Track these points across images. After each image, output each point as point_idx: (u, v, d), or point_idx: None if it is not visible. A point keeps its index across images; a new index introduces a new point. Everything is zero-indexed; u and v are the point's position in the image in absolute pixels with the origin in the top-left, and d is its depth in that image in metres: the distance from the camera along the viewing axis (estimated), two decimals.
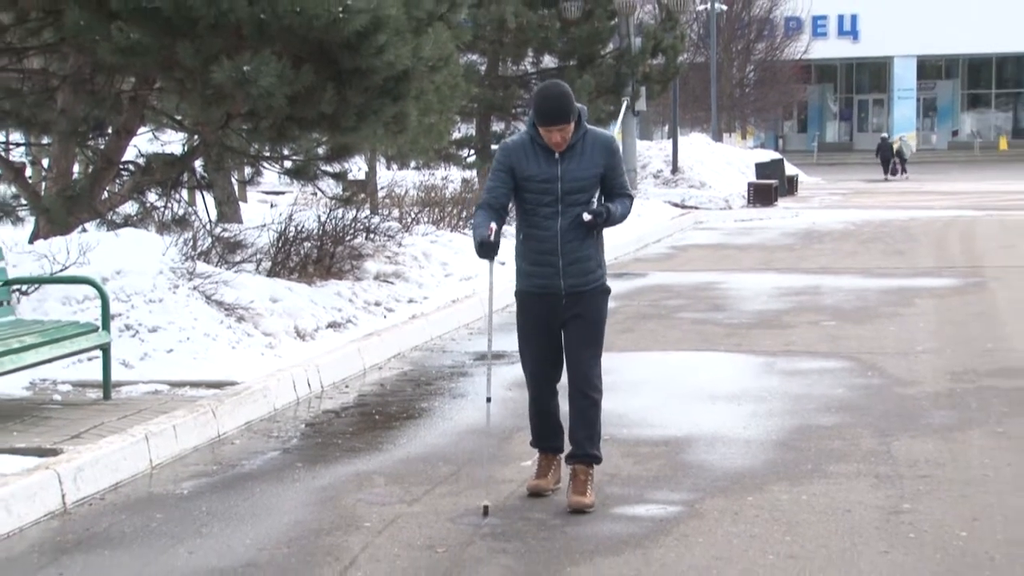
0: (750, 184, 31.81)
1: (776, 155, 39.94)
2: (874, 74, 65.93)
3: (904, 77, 62.83)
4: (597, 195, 6.45)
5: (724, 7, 50.63)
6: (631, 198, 6.58)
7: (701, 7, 47.35)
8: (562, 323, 6.47)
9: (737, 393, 9.17)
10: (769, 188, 31.34)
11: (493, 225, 6.25)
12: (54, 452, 6.95)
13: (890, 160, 46.43)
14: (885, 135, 51.33)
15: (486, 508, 6.28)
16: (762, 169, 34.53)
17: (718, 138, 44.57)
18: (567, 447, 6.67)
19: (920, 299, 13.91)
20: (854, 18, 61.92)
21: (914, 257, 18.51)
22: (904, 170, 46.24)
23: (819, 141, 62.79)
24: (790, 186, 35.37)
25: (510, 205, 6.51)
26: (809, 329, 12.04)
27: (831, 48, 61.77)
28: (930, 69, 64.66)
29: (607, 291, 6.59)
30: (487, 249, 6.27)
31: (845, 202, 32.25)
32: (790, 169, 37.44)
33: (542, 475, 6.69)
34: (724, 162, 36.53)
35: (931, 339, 11.38)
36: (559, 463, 6.74)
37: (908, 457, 7.33)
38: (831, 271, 16.84)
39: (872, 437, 7.82)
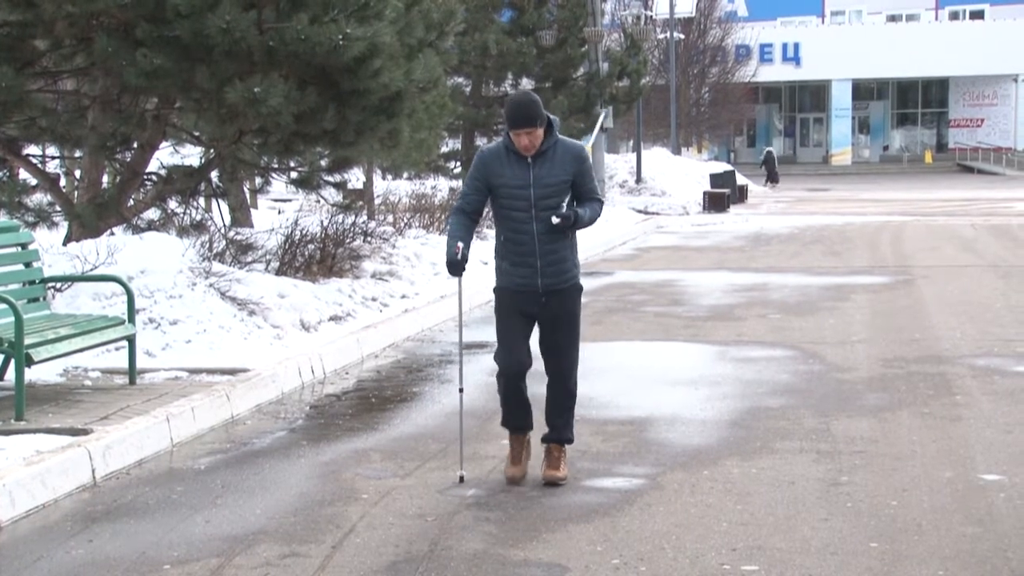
0: (705, 193, 31.85)
1: (728, 167, 39.96)
2: (814, 95, 66.04)
3: (841, 98, 62.98)
4: (568, 200, 6.27)
5: (682, 36, 50.69)
6: (600, 202, 6.45)
7: (661, 36, 47.39)
8: (537, 315, 6.37)
9: (694, 378, 9.17)
10: (722, 196, 31.38)
11: (460, 244, 6.14)
12: (85, 432, 6.91)
13: (774, 170, 46.45)
14: (771, 148, 51.28)
15: (462, 477, 6.38)
16: (716, 179, 34.56)
17: (677, 152, 44.60)
18: (536, 431, 6.59)
19: (855, 295, 13.93)
20: (796, 46, 62.05)
21: (850, 257, 18.54)
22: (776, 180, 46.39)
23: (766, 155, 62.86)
24: (741, 195, 35.41)
25: (485, 210, 6.41)
26: (758, 321, 12.04)
27: (776, 72, 61.89)
28: (864, 91, 64.80)
29: (580, 289, 6.49)
30: (455, 268, 6.21)
31: (789, 209, 32.30)
32: (741, 179, 37.49)
33: (516, 461, 6.47)
34: (682, 173, 36.54)
35: (865, 330, 11.39)
36: (529, 444, 6.56)
37: (845, 435, 7.33)
38: (777, 270, 16.86)
39: (813, 417, 7.82)
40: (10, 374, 7.93)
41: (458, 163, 25.33)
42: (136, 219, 12.74)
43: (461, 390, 6.63)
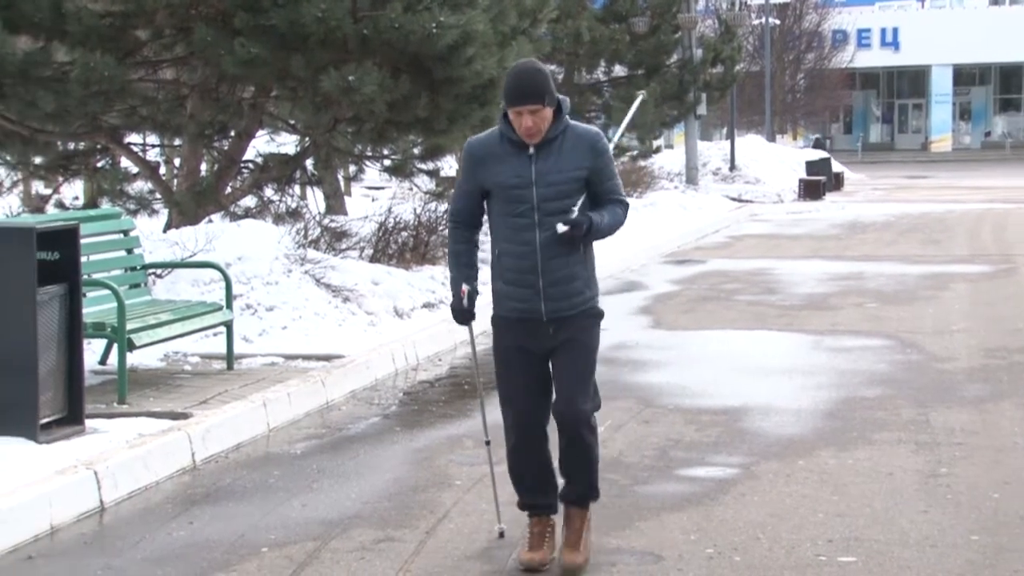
0: (800, 180, 31.45)
1: (824, 154, 39.42)
2: (913, 81, 64.84)
3: (941, 83, 61.75)
4: (582, 202, 4.87)
5: (777, 22, 50.08)
6: (625, 205, 5.01)
7: (756, 22, 46.87)
8: (547, 352, 4.94)
9: (788, 367, 9.08)
10: (818, 184, 30.97)
11: (466, 287, 4.94)
12: (185, 416, 7.04)
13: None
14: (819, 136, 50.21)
15: (502, 532, 5.29)
16: (811, 167, 34.11)
17: (771, 139, 44.10)
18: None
19: (955, 283, 13.68)
20: (895, 31, 60.95)
21: (950, 246, 18.20)
22: None
23: (863, 141, 61.84)
24: (837, 182, 34.91)
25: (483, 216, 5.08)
26: (854, 310, 11.88)
27: (874, 58, 60.86)
28: (965, 76, 63.44)
29: (599, 315, 5.00)
30: (463, 318, 5.01)
31: (887, 196, 31.77)
32: (837, 167, 36.94)
33: (536, 547, 4.99)
34: (777, 160, 36.10)
35: (965, 319, 11.18)
36: (553, 528, 5.08)
37: (945, 426, 7.21)
38: (874, 258, 16.61)
39: (911, 408, 7.71)
40: (113, 359, 8.11)
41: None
42: (233, 206, 12.94)
43: (487, 442, 5.40)
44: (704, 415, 7.60)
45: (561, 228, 4.77)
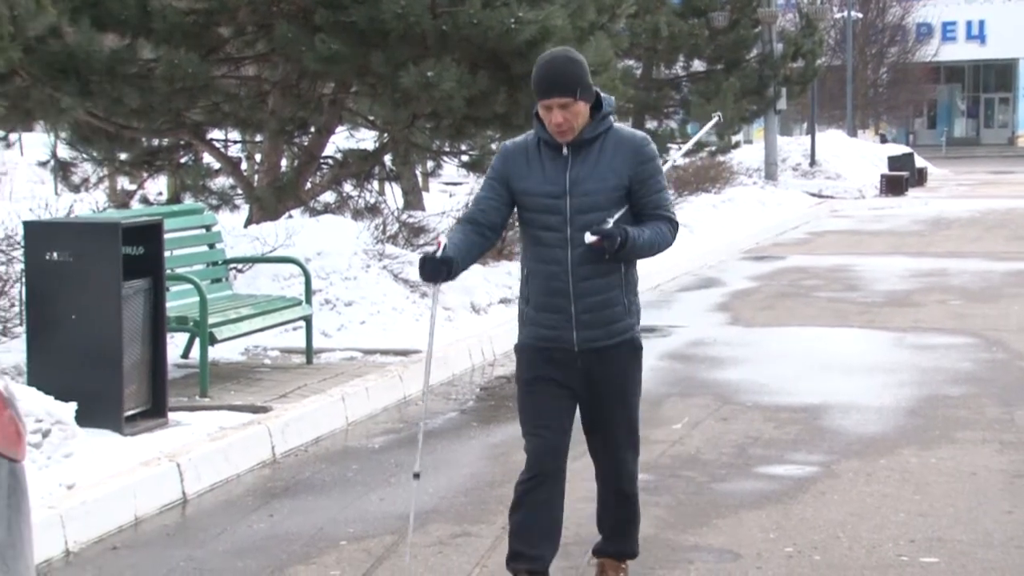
0: (882, 175, 31.05)
1: (907, 149, 38.87)
2: (1000, 74, 63.65)
3: None
4: (621, 215, 4.20)
5: (860, 15, 49.45)
6: (673, 223, 4.32)
7: (838, 15, 46.33)
8: (574, 387, 4.32)
9: (869, 365, 8.97)
10: (900, 179, 30.55)
11: (442, 239, 4.26)
12: (265, 409, 7.12)
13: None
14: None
15: (416, 475, 4.62)
16: (894, 162, 33.65)
17: (853, 134, 43.57)
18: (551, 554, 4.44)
19: None
20: (981, 23, 59.89)
21: None
22: None
23: (947, 136, 60.92)
24: (920, 177, 34.39)
25: (505, 225, 4.46)
26: (937, 308, 11.70)
27: (959, 51, 59.86)
28: None
29: (638, 348, 4.38)
30: (429, 268, 4.22)
31: (972, 192, 31.25)
32: (920, 162, 36.39)
33: None
34: (858, 156, 35.66)
35: None
36: None
37: None
38: (958, 255, 16.34)
39: (996, 407, 7.58)
40: (195, 352, 8.23)
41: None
42: (313, 202, 13.06)
43: (416, 475, 4.60)
44: (783, 412, 7.53)
45: (589, 238, 4.10)
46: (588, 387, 4.33)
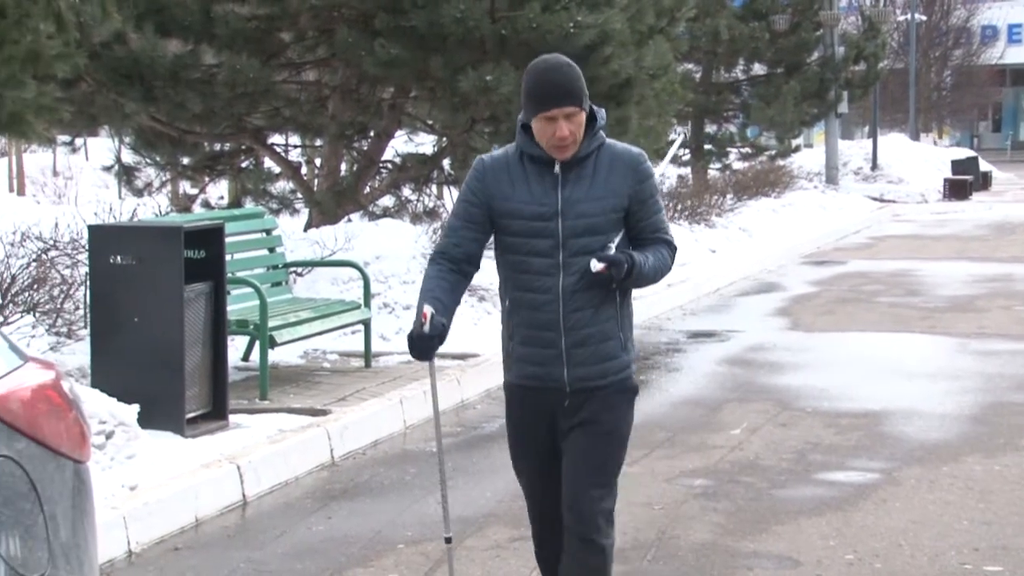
0: (945, 179, 30.69)
1: (971, 153, 38.38)
2: None
3: None
4: (618, 241, 3.78)
5: (923, 18, 48.94)
6: (672, 247, 3.92)
7: (901, 18, 45.87)
8: (565, 433, 3.87)
9: (932, 371, 8.87)
10: (964, 183, 30.18)
11: (428, 309, 3.73)
12: (324, 412, 7.16)
13: None
14: None
15: (448, 539, 4.20)
16: (957, 166, 33.24)
17: (915, 137, 43.09)
18: None
19: None
20: None
21: None
22: None
23: (1012, 140, 60.08)
24: (984, 182, 33.95)
25: (482, 254, 3.93)
26: (1002, 313, 11.54)
27: None
28: None
29: (633, 391, 3.95)
30: (420, 347, 3.77)
31: None
32: (984, 166, 35.92)
33: None
34: (921, 159, 35.27)
35: None
36: None
37: None
38: (1023, 260, 16.11)
39: None
40: (255, 355, 8.29)
41: (687, 151, 25.16)
42: (372, 206, 13.13)
43: (448, 540, 4.19)
44: (843, 418, 7.47)
45: (596, 266, 3.68)
46: (574, 427, 3.83)
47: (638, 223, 3.83)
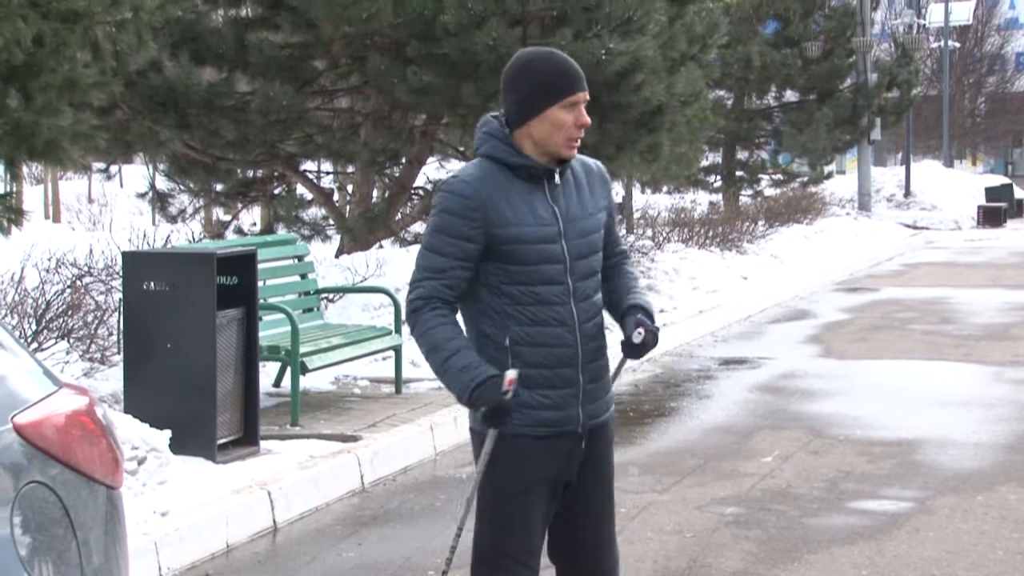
0: (980, 206, 30.52)
1: (1005, 180, 38.16)
2: None
3: None
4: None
5: (957, 45, 48.80)
6: (628, 258, 3.72)
7: (935, 45, 45.75)
8: (568, 480, 3.47)
9: (966, 400, 8.80)
10: (998, 210, 30.00)
11: (513, 373, 3.24)
12: (354, 438, 7.17)
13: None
14: None
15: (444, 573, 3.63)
16: (991, 193, 33.05)
17: (949, 164, 42.90)
18: None
19: None
20: None
21: None
22: None
23: None
24: (1018, 209, 33.71)
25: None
26: None
27: None
28: None
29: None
30: (504, 418, 3.29)
31: None
32: (1019, 193, 35.71)
33: None
34: (955, 186, 35.09)
35: None
36: None
37: None
38: None
39: None
40: (286, 381, 8.32)
41: (718, 177, 25.16)
42: (403, 232, 13.18)
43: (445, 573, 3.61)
44: (876, 447, 7.42)
45: (637, 336, 3.39)
46: (585, 469, 3.47)
47: (609, 237, 3.55)
